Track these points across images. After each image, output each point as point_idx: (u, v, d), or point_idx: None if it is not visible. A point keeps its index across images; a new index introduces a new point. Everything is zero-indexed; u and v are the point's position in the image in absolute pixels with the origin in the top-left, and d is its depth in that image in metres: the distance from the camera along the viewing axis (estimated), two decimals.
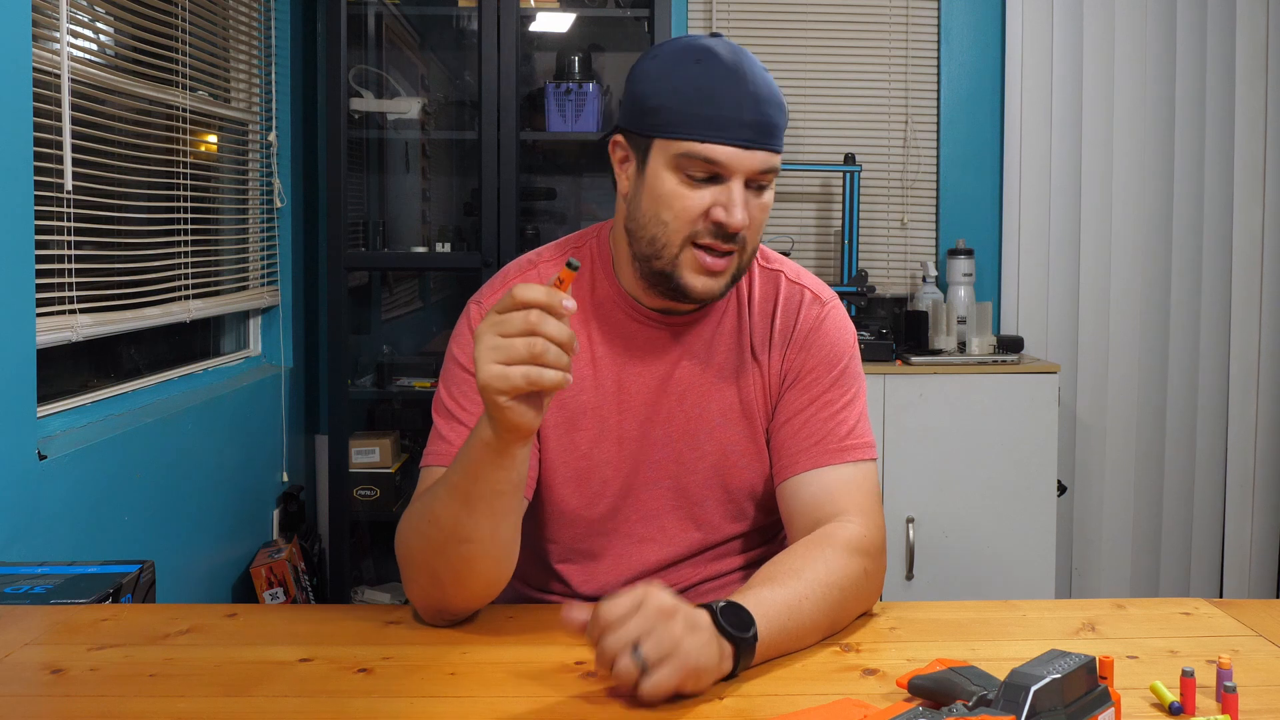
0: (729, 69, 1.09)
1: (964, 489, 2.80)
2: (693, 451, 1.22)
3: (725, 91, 1.08)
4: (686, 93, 1.09)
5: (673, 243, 1.12)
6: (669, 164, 1.10)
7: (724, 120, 1.08)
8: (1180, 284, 3.24)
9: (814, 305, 1.25)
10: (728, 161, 1.08)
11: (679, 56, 1.11)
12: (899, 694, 0.89)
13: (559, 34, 3.11)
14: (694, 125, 1.08)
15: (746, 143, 1.08)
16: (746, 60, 1.11)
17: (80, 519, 1.81)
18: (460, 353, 1.20)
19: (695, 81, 1.09)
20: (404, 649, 1.01)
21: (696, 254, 1.12)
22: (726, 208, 1.09)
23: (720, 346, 1.23)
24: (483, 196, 2.78)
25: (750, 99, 1.09)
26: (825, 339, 1.24)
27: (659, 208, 1.12)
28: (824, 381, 1.22)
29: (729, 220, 1.09)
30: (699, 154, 1.08)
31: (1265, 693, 0.91)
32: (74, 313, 1.89)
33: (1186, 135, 3.21)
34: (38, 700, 0.90)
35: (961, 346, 2.95)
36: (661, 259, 1.13)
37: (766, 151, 1.10)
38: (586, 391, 1.21)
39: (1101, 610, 1.12)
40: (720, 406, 1.22)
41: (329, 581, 2.85)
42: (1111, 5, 3.19)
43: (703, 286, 1.13)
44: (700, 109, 1.08)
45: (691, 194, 1.10)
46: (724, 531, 1.26)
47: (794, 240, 3.24)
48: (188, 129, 2.41)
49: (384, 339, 3.19)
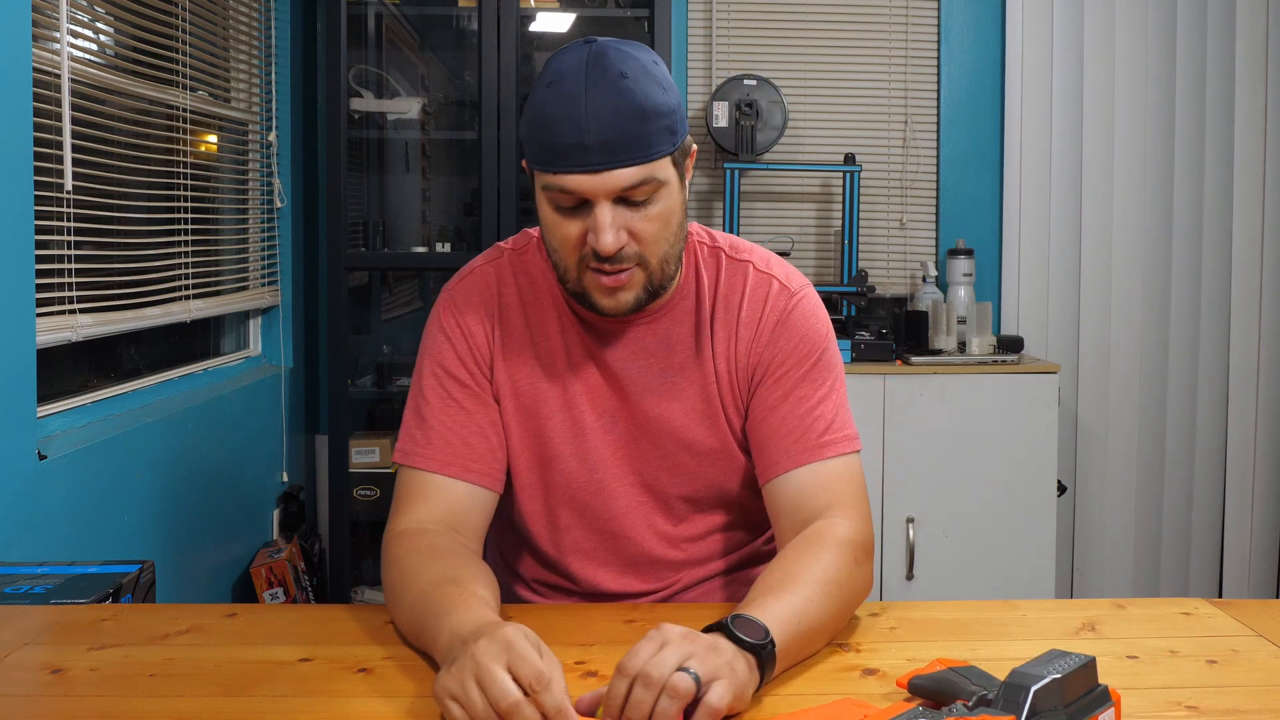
0: (571, 90, 1.04)
1: (964, 489, 2.80)
2: (656, 450, 1.21)
3: (567, 117, 1.03)
4: (536, 123, 1.06)
5: (569, 267, 1.11)
6: (542, 195, 1.09)
7: (566, 148, 1.04)
8: (1180, 284, 3.24)
9: (781, 295, 1.22)
10: (580, 189, 1.05)
11: (540, 81, 1.09)
12: (899, 694, 0.89)
13: (559, 34, 3.11)
14: (543, 157, 1.06)
15: (594, 166, 1.03)
16: (598, 72, 1.04)
17: (80, 519, 1.81)
18: (431, 348, 1.22)
19: (543, 110, 1.06)
20: (404, 649, 1.01)
21: (593, 275, 1.10)
22: (595, 233, 1.06)
23: (678, 345, 1.21)
24: (483, 196, 2.78)
25: (593, 119, 1.03)
26: (794, 330, 1.20)
27: (548, 236, 1.12)
28: (796, 374, 1.19)
29: (597, 246, 1.06)
30: (554, 185, 1.06)
31: (1265, 693, 0.91)
32: (74, 313, 1.88)
33: (1186, 135, 3.21)
34: (38, 700, 0.90)
35: (961, 346, 2.95)
36: (569, 281, 1.12)
37: (626, 168, 1.04)
38: (554, 382, 1.20)
39: (1101, 610, 1.12)
40: (682, 404, 1.21)
41: (329, 581, 2.85)
42: (1111, 5, 3.19)
43: (611, 303, 1.11)
44: (544, 139, 1.05)
45: (566, 223, 1.08)
46: (696, 527, 1.25)
47: (794, 240, 3.24)
48: (188, 129, 2.41)
49: (384, 339, 3.19)
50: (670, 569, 1.26)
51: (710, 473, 1.23)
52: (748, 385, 1.21)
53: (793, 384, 1.19)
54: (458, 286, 1.25)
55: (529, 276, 1.23)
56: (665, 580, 1.26)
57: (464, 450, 1.17)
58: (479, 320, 1.21)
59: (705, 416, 1.21)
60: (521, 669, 0.80)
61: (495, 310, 1.21)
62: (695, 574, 1.27)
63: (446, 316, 1.22)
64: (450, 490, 1.15)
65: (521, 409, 1.20)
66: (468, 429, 1.18)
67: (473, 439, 1.17)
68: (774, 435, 1.17)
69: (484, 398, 1.20)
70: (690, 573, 1.27)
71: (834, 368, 1.22)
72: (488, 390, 1.20)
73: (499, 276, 1.23)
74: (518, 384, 1.20)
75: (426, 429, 1.17)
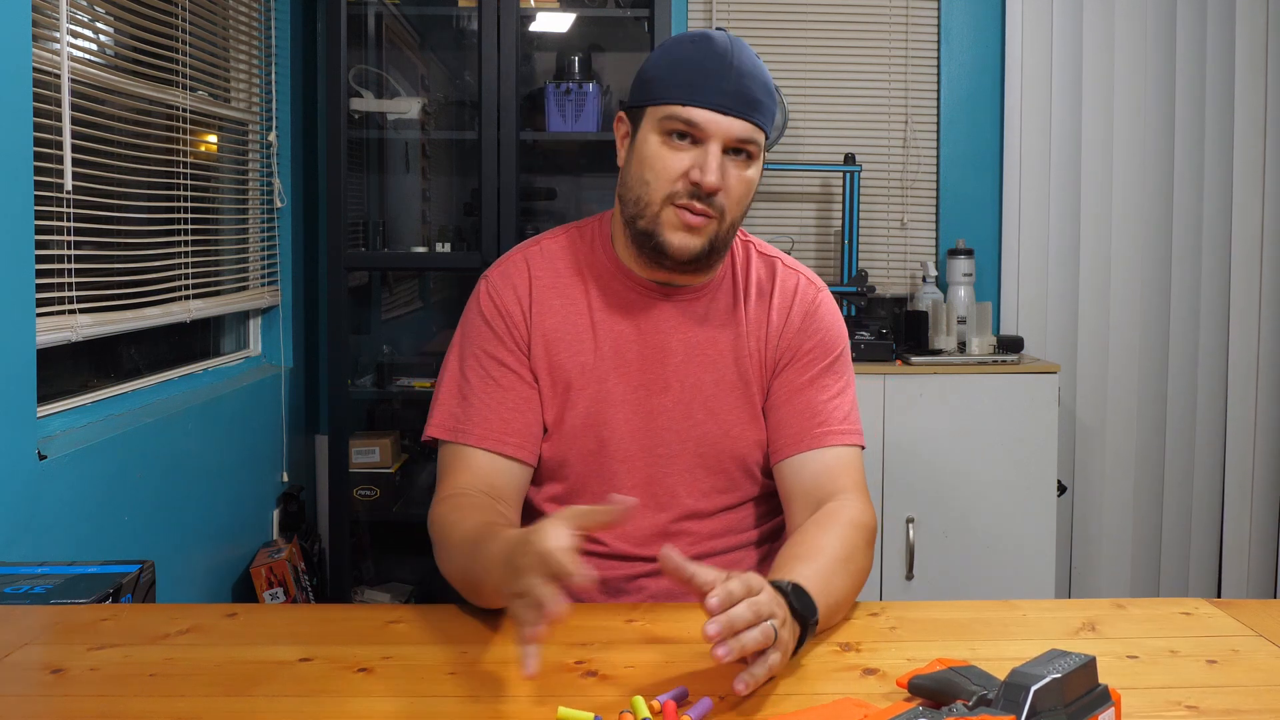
0: (719, 48, 1.18)
1: (964, 489, 2.80)
2: (687, 420, 1.27)
3: (710, 63, 1.17)
4: (675, 64, 1.18)
5: (654, 201, 1.19)
6: (655, 127, 1.19)
7: (704, 86, 1.16)
8: (1180, 284, 3.24)
9: (809, 288, 1.33)
10: (705, 124, 1.16)
11: (679, 39, 1.22)
12: (899, 694, 0.89)
13: (559, 34, 3.10)
14: (677, 90, 1.17)
15: (724, 109, 1.16)
16: (740, 45, 1.20)
17: (80, 519, 1.81)
18: (470, 330, 1.29)
19: (685, 55, 1.19)
20: (404, 649, 1.01)
21: (676, 211, 1.19)
22: (702, 169, 1.16)
23: (716, 320, 1.29)
24: (483, 196, 2.78)
25: (734, 72, 1.17)
26: (822, 323, 1.31)
27: (644, 169, 1.20)
28: (820, 365, 1.29)
29: (703, 180, 1.16)
30: (679, 116, 1.17)
31: (1265, 693, 0.91)
32: (74, 313, 1.88)
33: (1186, 135, 3.21)
34: (38, 700, 0.90)
35: (961, 346, 2.95)
36: (645, 217, 1.20)
37: (746, 121, 1.17)
38: (585, 354, 1.27)
39: (1101, 610, 1.12)
40: (714, 377, 1.28)
41: (329, 581, 2.85)
42: (1111, 5, 3.19)
43: (680, 243, 1.20)
44: (684, 76, 1.17)
45: (672, 155, 1.18)
46: (714, 503, 1.30)
47: (794, 240, 3.24)
48: (188, 129, 2.41)
49: (384, 339, 3.19)
50: (687, 542, 1.28)
51: (736, 445, 1.29)
52: (774, 367, 1.30)
53: (818, 372, 1.29)
54: (495, 272, 1.32)
55: (568, 259, 1.31)
56: (688, 550, 1.27)
57: (500, 426, 1.24)
58: (515, 301, 1.28)
59: (738, 389, 1.28)
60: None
61: (530, 292, 1.29)
62: (706, 546, 1.30)
63: (485, 299, 1.30)
64: (490, 464, 1.24)
65: (557, 381, 1.27)
66: (505, 406, 1.25)
67: (510, 415, 1.25)
68: (795, 416, 1.27)
69: (521, 374, 1.26)
70: (703, 545, 1.29)
71: (850, 369, 1.34)
72: (525, 368, 1.27)
73: (536, 262, 1.31)
74: (555, 357, 1.27)
75: (467, 406, 1.25)
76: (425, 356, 3.18)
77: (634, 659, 0.97)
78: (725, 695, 0.89)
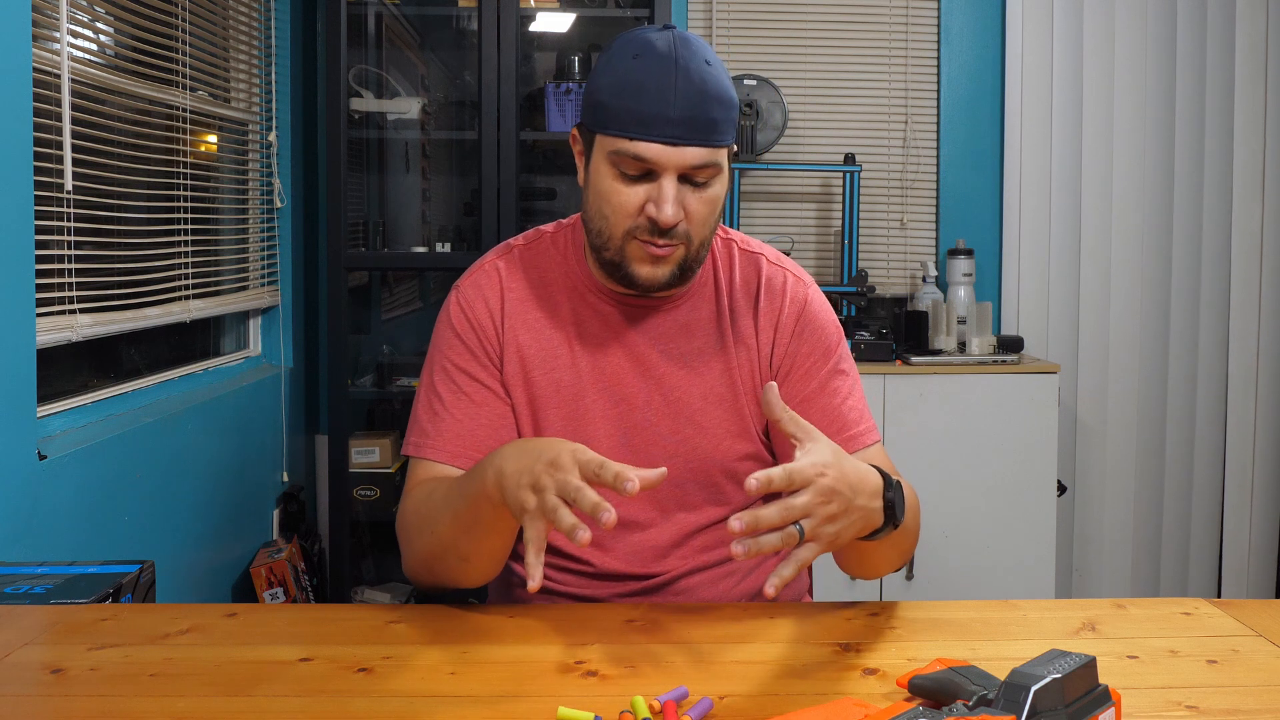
0: (662, 64, 1.09)
1: (964, 489, 2.80)
2: (674, 435, 1.23)
3: (654, 88, 1.08)
4: (619, 89, 1.10)
5: (615, 235, 1.15)
6: (605, 159, 1.13)
7: (650, 117, 1.08)
8: (1180, 284, 3.24)
9: (798, 285, 1.28)
10: (655, 159, 1.10)
11: (621, 51, 1.13)
12: (899, 694, 0.89)
13: (559, 34, 3.10)
14: (623, 122, 1.10)
15: (675, 139, 1.09)
16: (687, 54, 1.10)
17: (80, 519, 1.81)
18: (441, 343, 1.25)
19: (627, 77, 1.10)
20: (404, 649, 1.01)
21: (640, 244, 1.14)
22: (657, 204, 1.10)
23: (699, 330, 1.25)
24: (483, 196, 2.78)
25: (680, 95, 1.08)
26: (815, 322, 1.27)
27: (600, 202, 1.15)
28: (824, 369, 1.25)
29: (659, 217, 1.10)
30: (627, 151, 1.10)
31: (1265, 693, 0.91)
32: (74, 313, 1.88)
33: (1186, 135, 3.21)
34: (38, 700, 0.90)
35: (961, 346, 2.95)
36: (609, 249, 1.16)
37: (699, 147, 1.10)
38: (561, 369, 1.23)
39: (1101, 610, 1.12)
40: (701, 389, 1.23)
41: (329, 581, 2.85)
42: (1111, 5, 3.19)
43: (647, 274, 1.15)
44: (629, 102, 1.09)
45: (626, 190, 1.12)
46: (707, 516, 1.25)
47: (794, 240, 3.24)
48: (188, 129, 2.41)
49: (384, 339, 3.19)
50: (677, 558, 1.25)
51: (725, 458, 1.24)
52: (770, 376, 1.25)
53: (825, 376, 1.25)
54: (467, 282, 1.28)
55: (541, 270, 1.27)
56: (666, 566, 1.25)
57: (468, 440, 1.20)
58: (488, 314, 1.24)
59: (726, 401, 1.24)
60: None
61: (502, 304, 1.25)
62: (699, 560, 1.26)
63: (456, 311, 1.26)
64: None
65: (533, 397, 1.23)
66: (475, 421, 1.21)
67: (478, 429, 1.21)
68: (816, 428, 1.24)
69: (493, 389, 1.23)
70: (695, 559, 1.26)
71: (850, 359, 1.30)
72: (497, 382, 1.23)
73: (509, 271, 1.27)
74: (530, 373, 1.23)
75: (437, 421, 1.21)
76: (425, 357, 3.17)
77: (634, 659, 0.97)
78: (725, 695, 0.89)
